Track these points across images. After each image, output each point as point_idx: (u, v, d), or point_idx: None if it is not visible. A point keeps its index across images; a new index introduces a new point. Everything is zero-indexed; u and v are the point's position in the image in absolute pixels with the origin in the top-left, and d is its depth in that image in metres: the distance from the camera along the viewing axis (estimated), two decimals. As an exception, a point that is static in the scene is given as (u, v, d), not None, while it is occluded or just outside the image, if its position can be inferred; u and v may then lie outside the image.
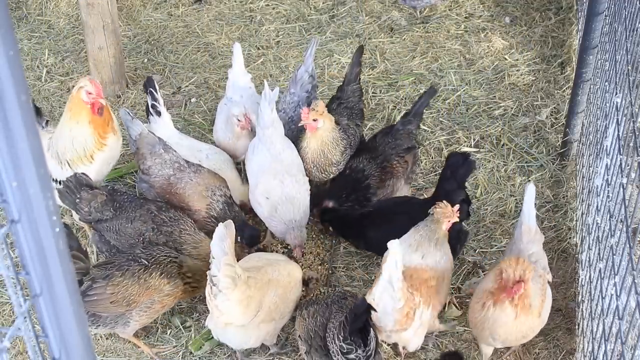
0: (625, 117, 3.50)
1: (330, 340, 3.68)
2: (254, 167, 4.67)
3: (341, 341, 3.59)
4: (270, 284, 3.94)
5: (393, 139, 4.92)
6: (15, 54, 1.37)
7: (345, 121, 5.01)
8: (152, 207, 4.43)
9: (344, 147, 4.84)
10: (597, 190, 4.04)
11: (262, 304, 3.88)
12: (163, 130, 4.97)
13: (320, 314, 3.90)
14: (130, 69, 6.28)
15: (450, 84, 6.03)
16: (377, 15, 6.78)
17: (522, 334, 3.85)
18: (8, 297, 4.56)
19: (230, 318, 3.83)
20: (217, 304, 3.75)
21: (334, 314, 3.83)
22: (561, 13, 6.69)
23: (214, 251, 3.63)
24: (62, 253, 1.54)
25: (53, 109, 5.95)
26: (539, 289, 3.86)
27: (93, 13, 5.64)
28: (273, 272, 4.00)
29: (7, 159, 1.41)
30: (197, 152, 4.97)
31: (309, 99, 5.07)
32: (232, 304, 3.76)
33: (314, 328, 3.86)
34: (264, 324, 3.97)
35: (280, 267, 4.09)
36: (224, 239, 3.60)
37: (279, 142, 4.64)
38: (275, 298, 3.95)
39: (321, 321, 3.86)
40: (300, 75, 5.04)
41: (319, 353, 3.80)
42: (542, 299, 3.86)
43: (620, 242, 3.25)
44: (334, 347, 3.65)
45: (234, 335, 3.99)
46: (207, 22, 6.81)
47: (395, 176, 4.85)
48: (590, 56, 4.88)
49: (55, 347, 1.61)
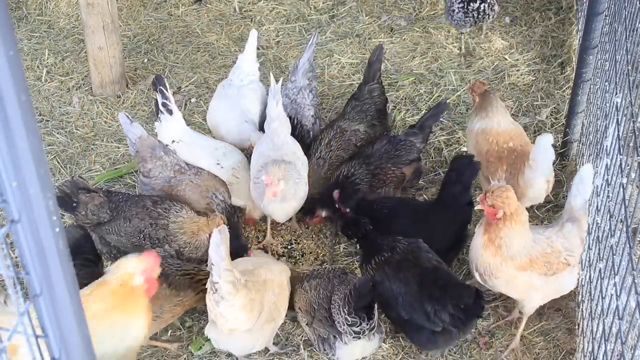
0: (625, 117, 3.50)
1: (336, 311, 3.85)
2: (256, 155, 4.70)
3: (346, 314, 3.78)
4: (266, 284, 3.94)
5: (393, 149, 4.84)
6: (15, 54, 1.37)
7: (355, 126, 5.08)
8: (147, 203, 4.42)
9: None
10: (597, 190, 4.04)
11: (263, 305, 3.88)
12: (175, 129, 4.89)
13: (322, 287, 4.06)
14: (130, 69, 6.28)
15: (450, 84, 6.03)
16: (377, 15, 6.78)
17: (491, 273, 3.96)
18: (8, 297, 4.56)
19: (236, 324, 3.79)
20: (220, 311, 3.71)
21: (337, 287, 3.98)
22: (561, 13, 6.69)
23: (212, 258, 3.60)
24: (62, 253, 1.54)
25: (53, 109, 5.95)
26: (535, 251, 3.92)
27: (93, 13, 5.64)
28: (266, 273, 3.99)
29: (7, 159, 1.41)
30: (214, 150, 4.92)
31: (309, 86, 5.24)
32: (236, 309, 3.72)
33: (317, 300, 4.02)
34: (267, 325, 3.97)
35: (271, 268, 4.09)
36: (220, 244, 3.56)
37: (283, 134, 4.65)
38: (274, 297, 3.95)
39: (324, 294, 4.01)
40: (302, 64, 5.21)
41: (324, 323, 3.95)
42: (532, 262, 3.92)
43: (620, 242, 3.25)
44: (339, 317, 3.82)
45: (239, 341, 3.95)
46: (207, 22, 6.81)
47: (388, 186, 4.79)
48: (590, 56, 4.88)
49: (55, 347, 1.61)
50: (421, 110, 5.82)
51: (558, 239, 3.97)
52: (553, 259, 3.94)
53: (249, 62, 5.26)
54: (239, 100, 5.19)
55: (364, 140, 5.09)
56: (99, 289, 3.55)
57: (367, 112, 5.15)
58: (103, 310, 3.48)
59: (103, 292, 3.53)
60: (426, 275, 4.00)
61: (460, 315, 3.86)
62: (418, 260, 4.09)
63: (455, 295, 3.86)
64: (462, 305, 3.83)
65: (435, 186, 5.21)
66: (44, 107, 5.95)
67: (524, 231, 3.92)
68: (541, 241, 3.96)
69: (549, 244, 3.95)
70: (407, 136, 4.93)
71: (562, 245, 3.95)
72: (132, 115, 5.86)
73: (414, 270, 4.04)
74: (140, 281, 3.58)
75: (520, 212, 3.91)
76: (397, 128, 5.68)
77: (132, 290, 3.57)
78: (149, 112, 5.87)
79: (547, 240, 3.97)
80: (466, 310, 3.85)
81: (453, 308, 3.85)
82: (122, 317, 3.54)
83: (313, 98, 5.26)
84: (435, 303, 3.88)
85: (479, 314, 3.91)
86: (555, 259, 3.94)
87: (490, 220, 3.93)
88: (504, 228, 3.90)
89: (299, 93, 5.19)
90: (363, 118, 5.13)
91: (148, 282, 3.61)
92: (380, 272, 4.12)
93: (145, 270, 3.59)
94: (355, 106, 5.16)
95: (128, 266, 3.58)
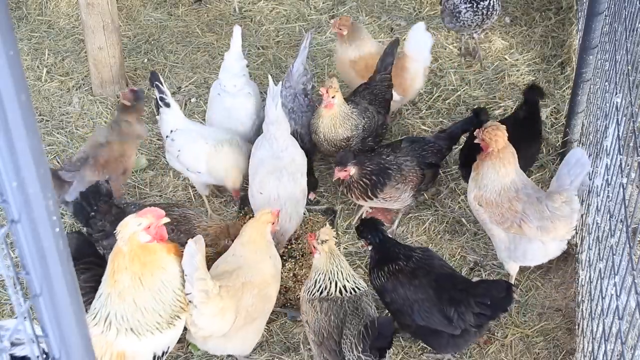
0: (625, 117, 3.50)
1: (348, 348, 3.68)
2: (255, 161, 4.70)
3: (360, 352, 3.61)
4: (244, 287, 3.90)
5: (420, 148, 4.90)
6: (15, 54, 1.37)
7: (365, 104, 5.13)
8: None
9: (354, 124, 5.00)
10: (597, 190, 4.04)
11: (238, 310, 3.85)
12: (174, 120, 5.00)
13: (334, 313, 3.82)
14: (130, 69, 6.28)
15: (450, 84, 6.03)
16: (377, 15, 6.78)
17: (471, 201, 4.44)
18: (8, 297, 4.56)
19: (208, 331, 3.82)
20: (192, 320, 3.73)
21: (349, 316, 3.78)
22: (561, 13, 6.69)
23: (185, 269, 3.61)
24: (62, 253, 1.54)
25: (53, 109, 5.95)
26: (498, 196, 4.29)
27: (93, 13, 5.64)
28: (246, 275, 3.94)
29: (7, 159, 1.41)
30: (206, 133, 5.01)
31: (305, 91, 5.19)
32: (206, 318, 3.73)
33: (327, 328, 3.81)
34: (248, 326, 3.95)
35: (252, 268, 3.99)
36: (195, 254, 3.56)
37: (282, 139, 4.65)
38: (252, 299, 3.91)
39: (335, 322, 3.80)
40: (296, 68, 5.14)
41: (332, 356, 3.79)
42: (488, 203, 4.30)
43: (620, 242, 3.25)
44: (351, 355, 3.65)
45: (217, 346, 3.99)
46: (207, 22, 6.81)
47: (407, 183, 4.78)
48: (590, 56, 4.88)
49: (55, 347, 1.61)
50: (421, 110, 5.82)
51: (521, 203, 4.24)
52: (509, 215, 4.25)
53: (236, 60, 5.23)
54: (232, 113, 5.23)
55: (371, 120, 5.12)
56: (117, 258, 3.56)
57: (377, 97, 5.23)
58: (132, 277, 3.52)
59: (124, 260, 3.54)
60: (442, 281, 3.98)
61: (486, 312, 3.84)
62: (432, 267, 4.06)
63: (480, 292, 3.84)
64: (490, 302, 3.80)
65: (435, 186, 5.22)
66: (44, 107, 5.95)
67: (502, 171, 4.29)
68: (508, 194, 4.27)
69: (510, 200, 4.26)
70: (436, 139, 4.99)
71: (523, 209, 4.23)
72: (132, 115, 5.87)
73: (429, 277, 4.01)
74: (147, 238, 3.55)
75: (506, 152, 4.29)
76: (395, 128, 5.69)
77: (146, 249, 3.56)
78: (149, 112, 5.86)
79: (514, 197, 4.26)
80: (495, 304, 3.83)
81: (478, 306, 3.82)
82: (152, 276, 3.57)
83: (310, 102, 5.23)
84: (457, 305, 3.85)
85: (509, 305, 3.92)
86: (511, 216, 4.25)
87: (484, 152, 4.36)
88: (487, 163, 4.32)
89: (295, 100, 5.13)
90: (373, 100, 5.20)
91: (156, 235, 3.58)
92: (393, 279, 4.05)
93: (149, 227, 3.55)
94: (366, 88, 5.25)
95: (129, 229, 3.53)
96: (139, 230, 3.52)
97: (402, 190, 4.77)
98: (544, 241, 4.27)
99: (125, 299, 3.51)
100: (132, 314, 3.52)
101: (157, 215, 3.58)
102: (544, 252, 4.35)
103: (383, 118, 5.25)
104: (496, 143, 4.27)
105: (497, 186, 4.30)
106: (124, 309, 3.52)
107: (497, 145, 4.27)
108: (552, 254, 4.38)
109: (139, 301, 3.53)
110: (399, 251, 4.16)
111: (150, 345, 3.58)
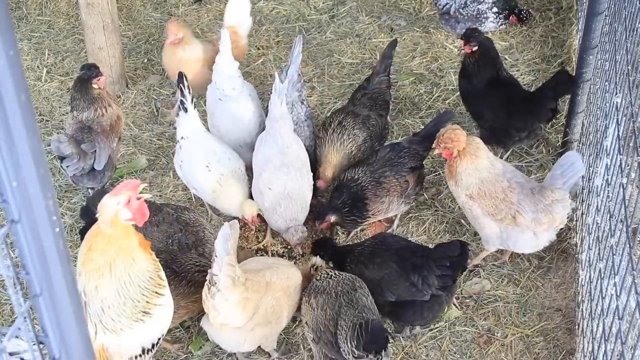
0: (625, 117, 3.50)
1: (343, 340, 3.74)
2: (260, 158, 4.68)
3: (354, 347, 3.67)
4: (268, 287, 3.93)
5: (396, 156, 4.82)
6: (15, 54, 1.37)
7: (365, 112, 5.10)
8: (169, 210, 4.42)
9: (362, 140, 5.03)
10: (597, 190, 4.04)
11: (258, 307, 3.88)
12: (189, 126, 4.91)
13: (329, 306, 3.89)
14: (130, 69, 6.28)
15: (450, 84, 6.03)
16: (377, 15, 6.78)
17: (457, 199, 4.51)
18: (8, 297, 4.56)
19: (227, 319, 3.81)
20: (214, 304, 3.73)
21: (344, 308, 3.85)
22: (561, 13, 6.69)
23: (217, 250, 3.61)
24: (62, 253, 1.54)
25: (53, 109, 5.95)
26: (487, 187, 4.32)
27: (93, 13, 5.64)
28: (271, 276, 3.99)
29: (7, 159, 1.41)
30: (211, 152, 4.86)
31: (300, 97, 5.11)
32: (229, 304, 3.74)
33: (324, 321, 3.87)
34: (259, 327, 3.96)
35: (279, 271, 4.07)
36: (228, 238, 3.58)
37: (287, 135, 4.65)
38: (273, 301, 3.94)
39: (331, 315, 3.86)
40: (290, 75, 5.04)
41: (329, 347, 3.83)
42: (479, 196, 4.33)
43: (620, 242, 3.25)
44: (346, 347, 3.71)
45: (229, 337, 3.98)
46: (207, 22, 6.81)
47: (392, 194, 4.75)
48: (590, 56, 4.88)
49: (55, 347, 1.61)
50: (421, 110, 5.82)
51: (516, 194, 4.27)
52: (503, 206, 4.27)
53: (228, 62, 5.18)
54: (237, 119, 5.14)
55: (374, 127, 5.10)
56: (96, 238, 3.34)
57: (376, 100, 5.21)
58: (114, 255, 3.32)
59: (103, 240, 3.32)
60: (401, 253, 4.16)
61: (447, 273, 4.00)
62: (388, 245, 4.25)
63: (438, 255, 4.02)
64: (449, 263, 3.98)
65: (435, 186, 5.22)
66: (44, 107, 5.95)
67: (476, 164, 4.33)
68: (502, 185, 4.30)
69: (504, 191, 4.28)
70: (410, 144, 4.90)
71: (518, 200, 4.26)
72: (132, 115, 5.87)
73: (389, 252, 4.19)
74: (129, 215, 3.30)
75: (470, 147, 4.33)
76: (395, 128, 5.69)
77: (126, 231, 3.34)
78: (148, 112, 5.87)
79: (508, 187, 4.29)
80: (453, 265, 4.00)
81: (439, 268, 3.99)
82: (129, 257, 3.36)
83: (307, 109, 5.16)
84: (420, 270, 4.03)
85: (465, 263, 4.09)
86: (505, 208, 4.27)
87: (450, 159, 4.41)
88: (460, 163, 4.35)
89: (292, 109, 5.02)
90: (373, 105, 5.17)
91: (138, 209, 3.34)
92: (356, 266, 4.24)
93: (129, 201, 3.30)
94: (365, 94, 5.21)
95: (110, 209, 3.27)
96: (120, 208, 3.27)
97: (389, 201, 4.77)
98: (536, 232, 4.35)
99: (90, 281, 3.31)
100: (99, 307, 3.35)
101: (132, 187, 3.32)
102: (534, 243, 4.43)
103: (385, 120, 5.24)
104: (458, 144, 4.30)
105: (480, 177, 4.34)
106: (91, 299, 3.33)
107: (460, 145, 4.31)
108: (542, 245, 4.47)
109: (101, 291, 3.32)
110: (352, 247, 4.45)
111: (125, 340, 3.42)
